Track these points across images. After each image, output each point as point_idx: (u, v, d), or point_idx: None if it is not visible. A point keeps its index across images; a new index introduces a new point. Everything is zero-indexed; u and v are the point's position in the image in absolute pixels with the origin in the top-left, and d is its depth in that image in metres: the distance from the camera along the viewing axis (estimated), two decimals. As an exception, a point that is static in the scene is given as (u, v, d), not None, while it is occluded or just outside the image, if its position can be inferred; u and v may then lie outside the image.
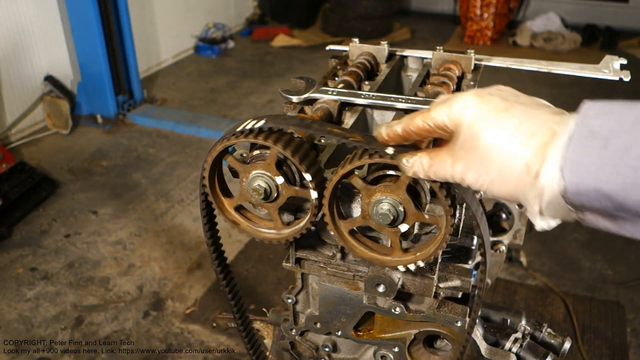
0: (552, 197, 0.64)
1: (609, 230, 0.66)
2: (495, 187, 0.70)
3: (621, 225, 0.64)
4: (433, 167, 0.75)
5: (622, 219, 0.63)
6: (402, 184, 0.82)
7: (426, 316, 1.08)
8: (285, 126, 0.86)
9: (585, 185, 0.61)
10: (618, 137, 0.59)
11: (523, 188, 0.67)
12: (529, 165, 0.66)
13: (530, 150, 0.66)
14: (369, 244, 0.93)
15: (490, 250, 0.82)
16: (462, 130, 0.71)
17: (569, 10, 7.37)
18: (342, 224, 0.91)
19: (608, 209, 0.62)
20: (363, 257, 0.91)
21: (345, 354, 1.27)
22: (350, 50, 1.32)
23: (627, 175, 0.58)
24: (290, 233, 0.95)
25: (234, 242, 3.40)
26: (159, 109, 5.22)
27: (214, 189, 0.97)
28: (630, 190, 0.58)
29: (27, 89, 4.66)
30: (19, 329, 2.81)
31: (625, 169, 0.58)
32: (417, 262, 0.87)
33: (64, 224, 3.61)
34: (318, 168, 0.88)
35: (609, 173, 0.59)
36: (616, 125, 0.60)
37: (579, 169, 0.61)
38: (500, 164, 0.68)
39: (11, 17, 4.39)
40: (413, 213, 0.83)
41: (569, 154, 0.62)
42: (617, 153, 0.59)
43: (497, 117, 0.69)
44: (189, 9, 6.55)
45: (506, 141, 0.67)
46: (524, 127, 0.67)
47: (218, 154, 0.91)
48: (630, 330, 2.87)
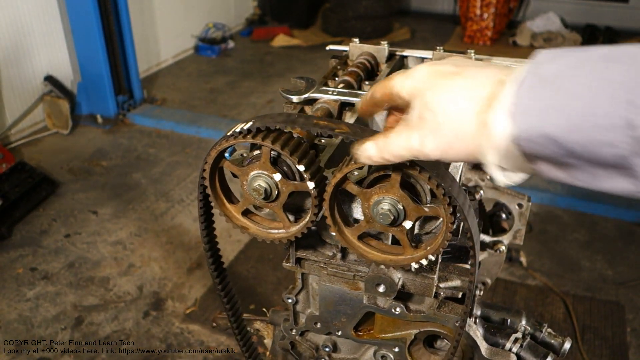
0: (506, 146, 0.64)
1: (563, 181, 0.66)
2: (454, 150, 0.69)
3: (572, 174, 0.64)
4: (389, 145, 0.75)
5: (572, 166, 0.63)
6: (394, 181, 0.83)
7: (426, 316, 1.08)
8: (272, 124, 0.86)
9: (534, 131, 0.60)
10: (563, 80, 0.59)
11: (479, 142, 0.66)
12: (481, 117, 0.65)
13: (479, 102, 0.66)
14: (381, 246, 0.93)
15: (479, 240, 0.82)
16: (416, 98, 0.72)
17: (569, 10, 7.37)
18: (348, 232, 0.92)
19: (558, 155, 0.61)
20: (376, 261, 0.91)
21: (345, 354, 1.27)
22: (350, 50, 1.32)
23: (570, 117, 0.58)
24: (299, 229, 0.96)
25: (234, 242, 3.40)
26: (159, 109, 5.22)
27: (218, 197, 0.98)
28: (575, 132, 0.58)
29: (27, 89, 4.66)
30: (19, 329, 2.81)
31: (569, 110, 0.58)
32: (429, 256, 0.87)
33: (64, 224, 3.61)
34: (311, 159, 0.88)
35: (555, 116, 0.59)
36: (562, 68, 0.60)
37: (528, 114, 0.61)
38: (454, 123, 0.68)
39: (11, 17, 4.39)
40: (413, 208, 0.83)
41: (518, 99, 0.62)
42: (562, 95, 0.59)
43: (448, 79, 0.70)
44: (189, 9, 6.55)
45: (457, 99, 0.68)
46: (474, 82, 0.68)
47: (214, 161, 0.92)
48: (630, 330, 2.87)
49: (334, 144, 1.03)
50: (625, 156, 0.56)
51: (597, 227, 3.64)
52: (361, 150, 0.78)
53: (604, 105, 0.56)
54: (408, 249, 0.88)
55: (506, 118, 0.63)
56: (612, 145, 0.56)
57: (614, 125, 0.55)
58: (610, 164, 0.59)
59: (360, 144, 0.78)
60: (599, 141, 0.57)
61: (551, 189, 3.92)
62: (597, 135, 0.57)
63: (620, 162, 0.57)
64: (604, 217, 3.71)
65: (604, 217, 3.72)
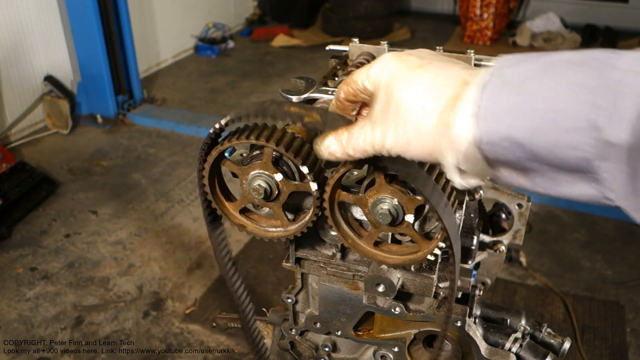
0: (467, 148, 0.63)
1: (523, 187, 0.65)
2: (413, 147, 0.68)
3: (533, 179, 0.63)
4: (352, 139, 0.74)
5: (533, 172, 0.62)
6: (380, 180, 0.83)
7: (426, 316, 1.09)
8: (245, 115, 0.85)
9: (497, 134, 0.60)
10: (528, 83, 0.59)
11: (439, 141, 0.65)
12: (443, 117, 0.64)
13: (442, 101, 0.65)
14: (396, 249, 0.93)
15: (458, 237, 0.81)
16: (379, 91, 0.71)
17: (569, 10, 7.37)
18: (362, 243, 0.92)
19: (520, 160, 0.61)
20: (398, 264, 0.91)
21: (345, 353, 1.28)
22: (350, 50, 1.32)
23: (535, 119, 0.57)
24: (298, 228, 0.96)
25: (234, 242, 3.40)
26: (158, 109, 5.22)
27: (216, 195, 0.98)
28: (538, 134, 0.57)
29: (27, 89, 4.66)
30: (18, 328, 2.81)
31: (534, 112, 0.58)
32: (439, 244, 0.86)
33: (64, 224, 3.61)
34: (314, 159, 0.88)
35: (519, 118, 0.58)
36: (527, 72, 0.60)
37: (492, 116, 0.60)
38: (415, 119, 0.67)
39: (11, 17, 4.39)
40: (407, 200, 0.84)
41: (483, 101, 0.61)
42: (526, 98, 0.58)
43: (411, 73, 0.69)
44: (189, 9, 6.55)
45: (419, 96, 0.67)
46: (438, 80, 0.67)
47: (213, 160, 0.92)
48: (629, 330, 2.87)
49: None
50: (589, 159, 0.56)
51: (597, 227, 3.64)
52: (324, 146, 0.77)
53: (568, 107, 0.55)
54: (422, 242, 0.88)
55: (469, 120, 0.62)
56: (576, 148, 0.56)
57: (578, 127, 0.55)
58: (574, 169, 0.58)
59: (323, 139, 0.76)
60: (563, 144, 0.56)
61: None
62: (562, 138, 0.56)
63: (583, 166, 0.57)
64: (603, 217, 3.71)
65: (604, 217, 3.72)
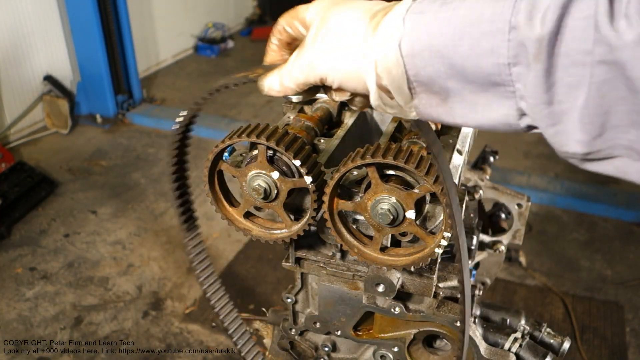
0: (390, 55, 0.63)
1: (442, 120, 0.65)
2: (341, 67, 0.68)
3: (451, 106, 0.63)
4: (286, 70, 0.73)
5: (451, 96, 0.62)
6: (376, 180, 0.84)
7: (425, 316, 1.08)
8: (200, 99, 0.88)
9: (420, 43, 0.61)
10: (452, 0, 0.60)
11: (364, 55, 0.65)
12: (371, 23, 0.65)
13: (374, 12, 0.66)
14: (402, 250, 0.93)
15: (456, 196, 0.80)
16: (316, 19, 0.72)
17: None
18: (369, 251, 0.92)
19: (440, 75, 0.61)
20: (408, 265, 0.91)
21: (344, 353, 1.28)
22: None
23: (456, 25, 0.58)
24: (301, 227, 0.96)
25: (234, 242, 3.40)
26: (158, 109, 5.22)
27: (219, 200, 0.98)
28: (458, 41, 0.58)
29: (26, 89, 4.65)
30: (18, 328, 2.81)
31: (456, 19, 0.58)
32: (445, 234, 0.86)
33: (63, 224, 3.61)
34: (307, 154, 0.88)
35: (441, 25, 0.59)
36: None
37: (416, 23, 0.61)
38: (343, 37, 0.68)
39: (11, 17, 4.39)
40: (405, 196, 0.84)
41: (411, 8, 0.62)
42: (450, 8, 0.59)
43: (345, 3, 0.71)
44: (188, 9, 6.55)
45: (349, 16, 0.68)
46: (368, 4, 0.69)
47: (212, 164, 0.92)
48: (629, 330, 2.87)
49: (333, 144, 1.03)
50: (505, 65, 0.56)
51: (597, 227, 3.64)
52: (264, 82, 0.76)
53: (490, 12, 0.56)
54: (427, 237, 0.88)
55: (396, 22, 0.62)
56: (494, 53, 0.56)
57: (498, 29, 0.56)
58: (492, 82, 0.58)
59: (264, 77, 0.77)
60: (483, 49, 0.57)
61: (550, 189, 3.92)
62: (481, 43, 0.57)
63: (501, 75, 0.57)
64: (603, 217, 3.72)
65: (604, 217, 3.72)
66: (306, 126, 1.03)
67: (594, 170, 0.59)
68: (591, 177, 4.10)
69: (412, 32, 0.61)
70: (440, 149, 0.79)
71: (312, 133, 1.03)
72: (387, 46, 0.63)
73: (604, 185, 4.01)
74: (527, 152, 4.48)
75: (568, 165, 4.28)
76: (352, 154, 0.85)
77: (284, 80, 0.73)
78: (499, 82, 0.58)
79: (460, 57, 0.58)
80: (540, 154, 4.46)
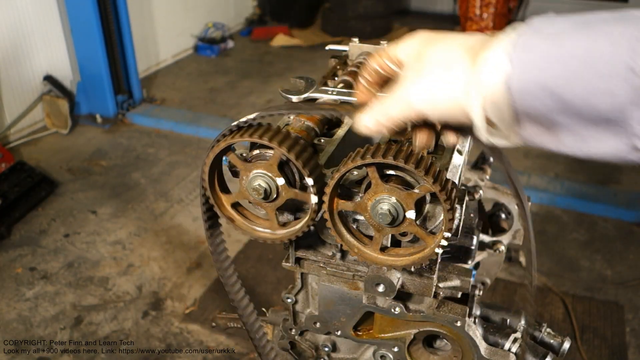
0: (497, 91, 0.62)
1: (548, 147, 0.65)
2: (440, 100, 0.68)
3: (560, 137, 0.63)
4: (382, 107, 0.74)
5: (560, 128, 0.62)
6: (376, 180, 0.84)
7: (426, 316, 1.08)
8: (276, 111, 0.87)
9: (530, 80, 0.60)
10: (564, 34, 0.59)
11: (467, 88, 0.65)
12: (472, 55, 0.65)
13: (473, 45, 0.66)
14: (403, 250, 0.93)
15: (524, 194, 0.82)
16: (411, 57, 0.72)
17: (569, 10, 7.27)
18: (369, 251, 0.92)
19: (550, 111, 0.60)
20: (409, 264, 0.91)
21: (344, 353, 1.28)
22: (349, 50, 1.32)
23: (570, 66, 0.57)
24: (285, 234, 0.95)
25: (234, 242, 3.39)
26: (158, 109, 5.22)
27: (213, 185, 0.98)
28: (573, 82, 0.57)
29: (26, 89, 4.65)
30: (18, 328, 2.81)
31: (570, 59, 0.57)
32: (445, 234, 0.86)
33: (63, 224, 3.61)
34: (320, 173, 0.88)
35: (554, 64, 0.58)
36: (562, 25, 0.60)
37: (525, 60, 0.60)
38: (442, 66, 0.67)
39: (11, 17, 4.38)
40: (405, 196, 0.84)
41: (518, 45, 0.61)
42: (561, 46, 0.58)
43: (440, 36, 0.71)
44: (188, 9, 6.55)
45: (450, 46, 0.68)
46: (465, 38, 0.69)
47: (220, 150, 0.91)
48: (629, 330, 2.87)
49: (333, 144, 1.03)
50: (624, 107, 0.55)
51: (597, 227, 3.64)
52: (359, 120, 0.77)
53: (606, 54, 0.55)
54: (427, 237, 0.88)
55: (502, 57, 0.61)
56: (611, 94, 0.56)
57: (616, 72, 0.55)
58: (604, 119, 0.58)
59: (359, 115, 0.77)
60: (599, 89, 0.56)
61: (550, 189, 3.92)
62: (597, 83, 0.56)
63: (615, 114, 0.57)
64: (603, 217, 3.72)
65: (604, 217, 3.72)
66: (306, 126, 1.03)
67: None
68: (591, 177, 4.10)
69: (521, 69, 0.60)
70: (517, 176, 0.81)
71: (312, 133, 1.03)
72: (493, 82, 0.62)
73: (604, 185, 4.01)
74: (527, 152, 4.48)
75: (568, 165, 4.28)
76: (352, 154, 0.85)
77: (379, 117, 0.74)
78: (613, 119, 0.57)
79: (574, 95, 0.58)
80: (540, 154, 4.46)
